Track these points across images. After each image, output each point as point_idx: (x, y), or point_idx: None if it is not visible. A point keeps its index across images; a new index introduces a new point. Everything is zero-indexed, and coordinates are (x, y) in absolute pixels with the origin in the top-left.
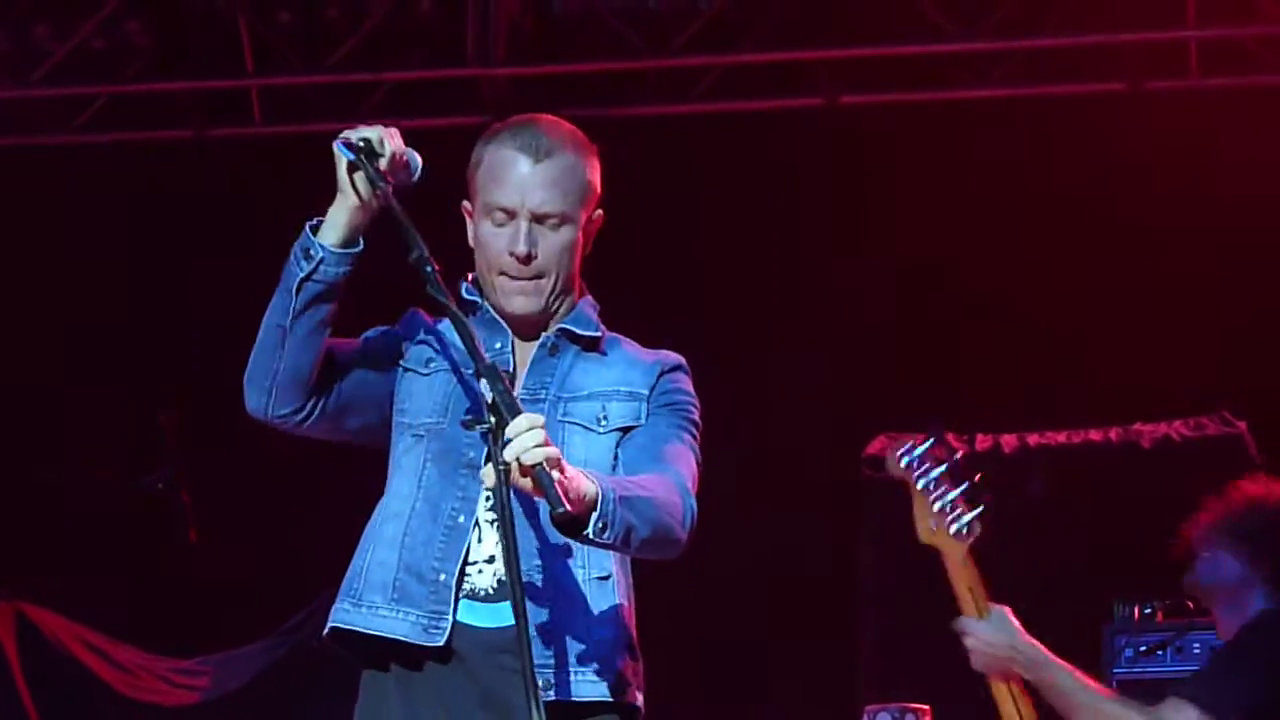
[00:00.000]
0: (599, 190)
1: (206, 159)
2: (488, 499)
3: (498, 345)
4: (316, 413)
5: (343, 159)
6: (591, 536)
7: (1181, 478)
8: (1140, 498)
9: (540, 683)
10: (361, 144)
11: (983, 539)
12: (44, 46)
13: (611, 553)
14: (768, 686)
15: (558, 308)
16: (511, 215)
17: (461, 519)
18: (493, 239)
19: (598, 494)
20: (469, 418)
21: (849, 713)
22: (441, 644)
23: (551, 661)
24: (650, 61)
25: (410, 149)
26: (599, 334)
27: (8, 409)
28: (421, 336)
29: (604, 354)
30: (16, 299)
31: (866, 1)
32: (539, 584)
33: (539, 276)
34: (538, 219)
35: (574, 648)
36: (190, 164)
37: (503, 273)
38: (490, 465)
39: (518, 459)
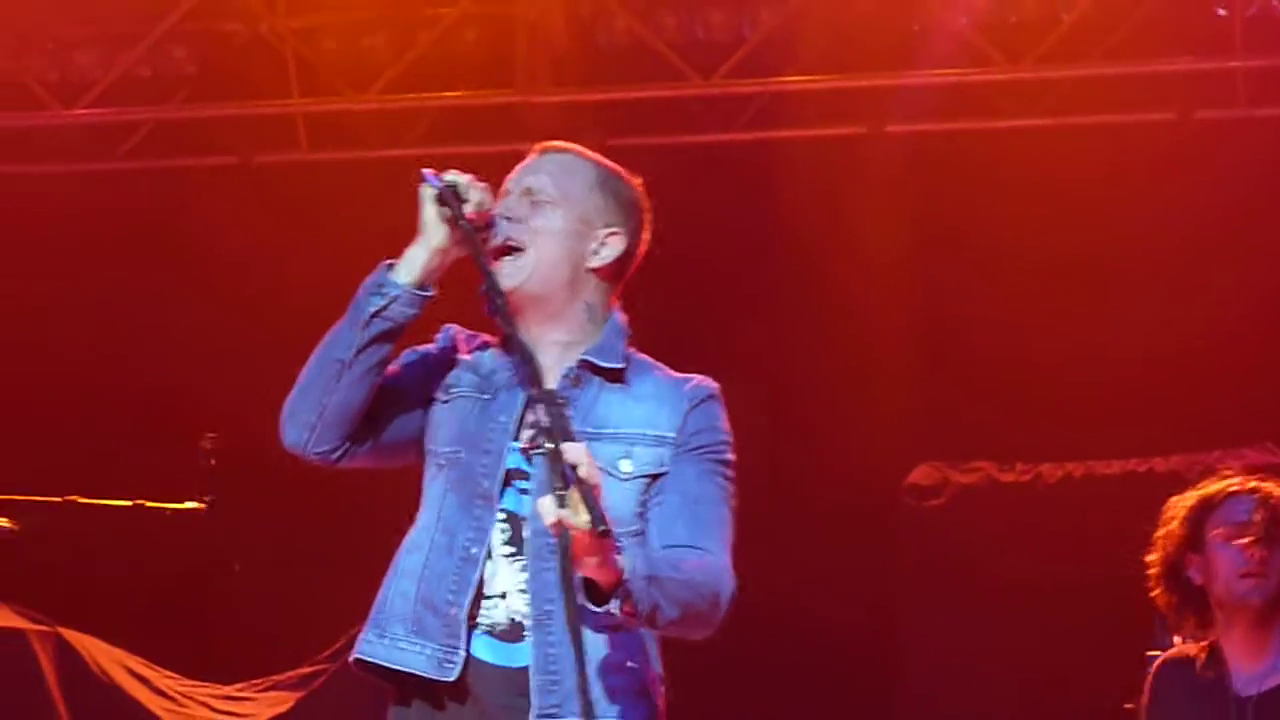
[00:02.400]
0: (619, 214)
1: (253, 185)
2: (503, 532)
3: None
4: (354, 452)
5: (429, 194)
6: (614, 611)
7: None
8: None
9: None
10: (451, 184)
11: None
12: (89, 74)
13: None
14: (808, 712)
15: (575, 321)
16: (506, 195)
17: (474, 550)
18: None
19: (627, 568)
20: (529, 444)
21: None
22: (454, 679)
23: (556, 709)
24: (697, 89)
25: (501, 218)
26: (622, 365)
27: (52, 434)
28: (451, 360)
29: (630, 385)
30: (58, 322)
31: (912, 30)
32: (552, 626)
33: (515, 250)
34: (526, 193)
35: (588, 691)
36: (236, 190)
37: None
38: (549, 496)
39: (579, 479)
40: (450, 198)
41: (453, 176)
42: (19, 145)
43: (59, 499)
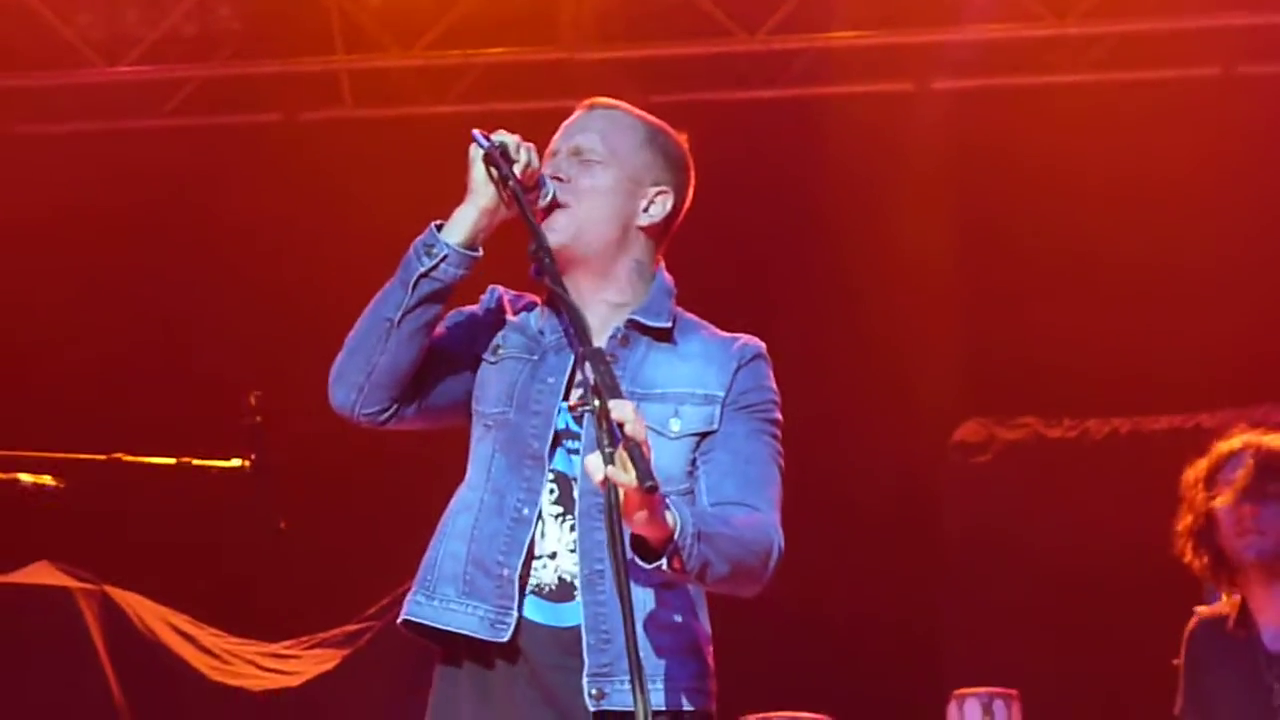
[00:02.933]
0: (667, 171)
1: (297, 142)
2: (551, 492)
3: (562, 330)
4: (402, 414)
5: (478, 154)
6: (665, 568)
7: None
8: None
9: (594, 691)
10: (501, 143)
11: None
12: (134, 31)
13: None
14: (855, 672)
15: (623, 279)
16: (555, 156)
17: (525, 511)
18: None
19: (676, 524)
20: (578, 402)
21: (937, 697)
22: (507, 639)
23: (608, 668)
24: (741, 45)
25: (550, 177)
26: (669, 324)
27: (98, 392)
28: (498, 321)
29: (677, 344)
30: (107, 282)
31: None
32: (602, 585)
33: (560, 207)
34: (574, 153)
35: (640, 649)
36: (281, 147)
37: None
38: (596, 453)
39: (626, 436)
40: (499, 158)
41: (501, 137)
42: (65, 102)
43: (104, 457)
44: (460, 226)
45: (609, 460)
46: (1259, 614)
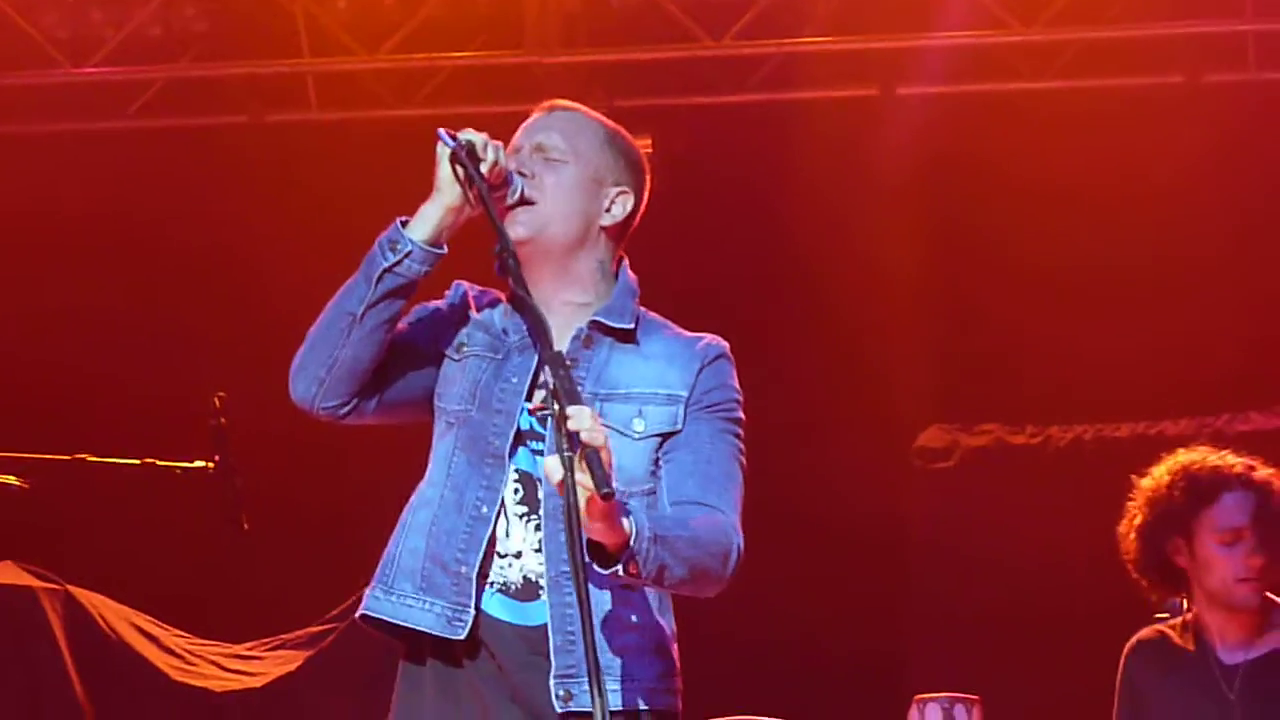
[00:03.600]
0: (627, 173)
1: (262, 144)
2: (516, 491)
3: (525, 329)
4: (363, 408)
5: (445, 152)
6: (621, 572)
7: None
8: None
9: (561, 692)
10: (467, 141)
11: None
12: (100, 32)
13: None
14: (817, 677)
15: (585, 278)
16: (518, 153)
17: (484, 509)
18: None
19: (632, 530)
20: (537, 406)
21: (899, 703)
22: (463, 637)
23: (574, 669)
24: (707, 50)
25: (515, 173)
26: (632, 325)
27: (63, 393)
28: (462, 317)
29: (640, 345)
30: (73, 282)
31: None
32: (569, 587)
33: (525, 203)
34: (538, 149)
35: (613, 656)
36: (246, 149)
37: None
38: (555, 457)
39: (583, 443)
40: (466, 157)
41: (469, 135)
42: (31, 103)
43: (68, 457)
44: (425, 223)
45: (567, 465)
46: (1217, 632)
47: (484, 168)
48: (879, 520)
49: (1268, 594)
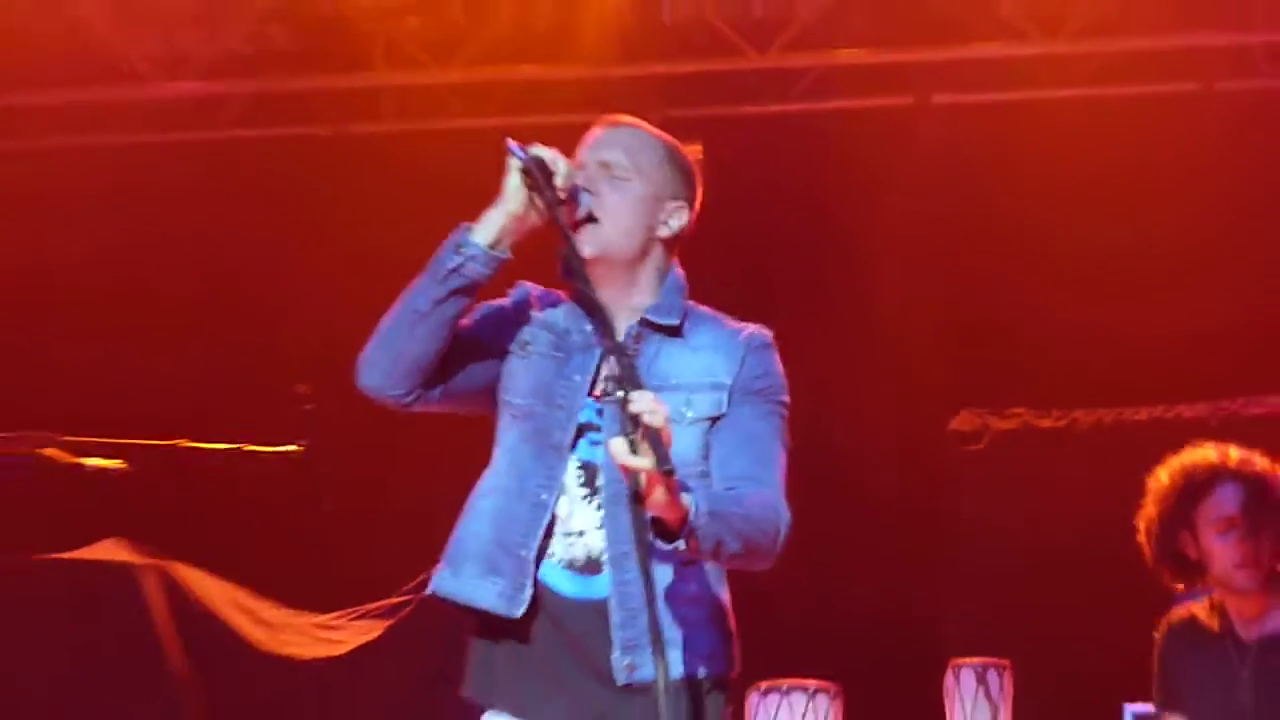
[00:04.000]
0: (684, 187)
1: (342, 153)
2: (578, 477)
3: (587, 329)
4: (427, 398)
5: (515, 163)
6: (682, 547)
7: None
8: None
9: (626, 663)
10: (536, 155)
11: None
12: (194, 49)
13: None
14: (858, 643)
15: (643, 280)
16: (583, 168)
17: (544, 496)
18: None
19: (691, 506)
20: (599, 392)
21: (936, 667)
22: (520, 614)
23: (636, 641)
24: (753, 62)
25: (582, 189)
26: (678, 321)
27: (159, 385)
28: (527, 317)
29: (687, 338)
30: (165, 286)
31: (954, 6)
32: (629, 565)
33: (592, 219)
34: (603, 166)
35: (662, 623)
36: (327, 157)
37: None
38: (620, 438)
39: (645, 424)
40: (536, 170)
41: (538, 150)
42: (128, 116)
43: (167, 443)
44: (489, 228)
45: (632, 447)
46: (1235, 612)
47: (553, 180)
48: (917, 498)
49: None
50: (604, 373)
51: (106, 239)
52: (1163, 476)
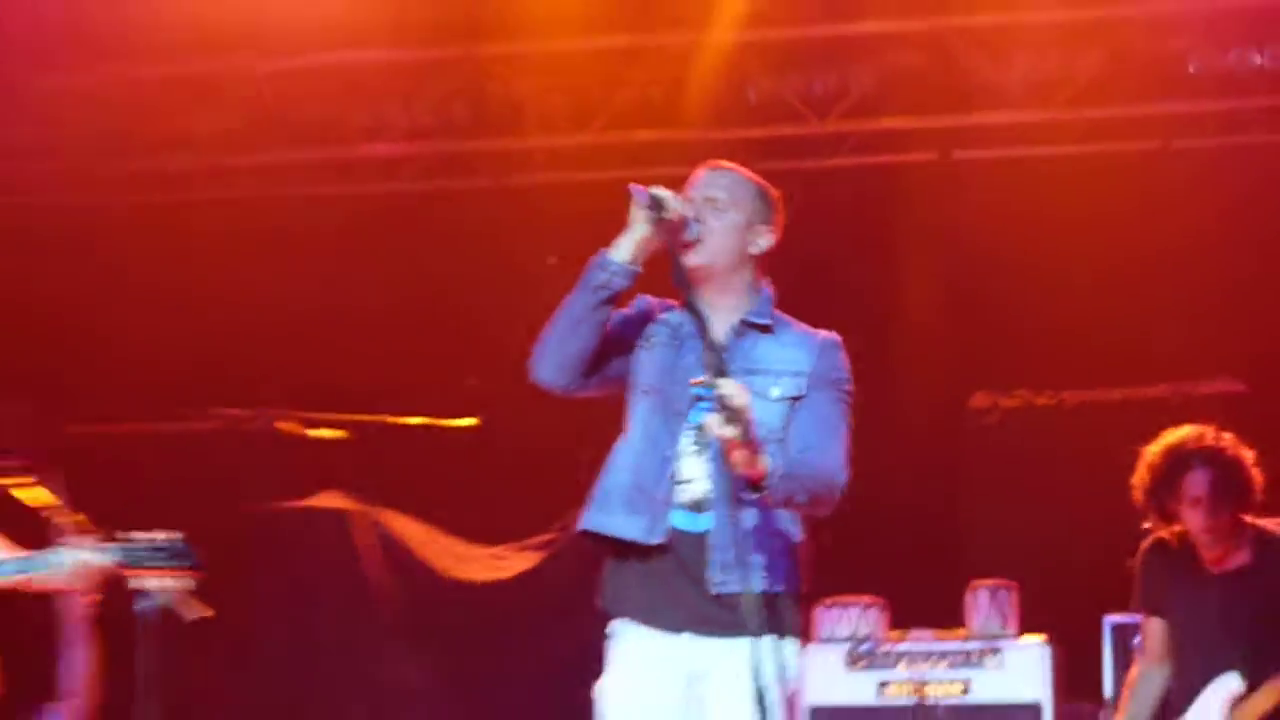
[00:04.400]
0: (769, 215)
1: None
2: (691, 438)
3: (693, 326)
4: (584, 385)
5: (640, 200)
6: (761, 497)
7: None
8: None
9: (720, 579)
10: (656, 196)
11: None
12: (392, 119)
13: None
14: (895, 566)
15: (738, 289)
16: (692, 201)
17: (668, 452)
18: None
19: (768, 467)
20: (702, 379)
21: (959, 586)
22: (660, 541)
23: (732, 560)
24: (815, 128)
25: (692, 220)
26: (770, 322)
27: (371, 374)
28: (648, 319)
29: (777, 335)
30: (376, 301)
31: (968, 83)
32: (725, 505)
33: (699, 240)
34: (708, 200)
35: (749, 550)
36: (492, 204)
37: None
38: (715, 414)
39: (731, 405)
40: (656, 205)
41: (656, 191)
42: (340, 171)
43: (376, 418)
44: (623, 250)
45: (723, 420)
46: (1202, 550)
47: (668, 212)
48: (947, 458)
49: (1247, 519)
50: (708, 361)
51: (333, 265)
52: (1154, 448)
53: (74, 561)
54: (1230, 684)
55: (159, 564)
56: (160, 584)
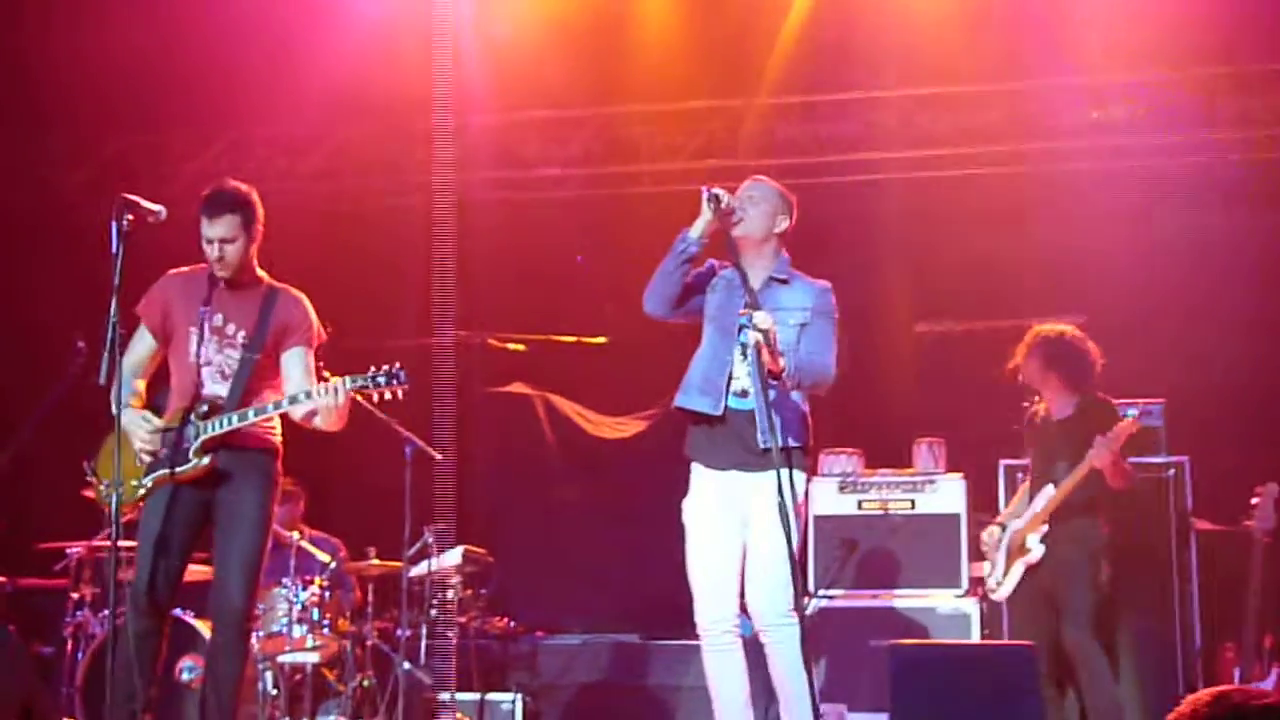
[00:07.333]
0: (787, 208)
1: (620, 205)
2: (739, 348)
3: (739, 278)
4: (676, 314)
5: (707, 198)
6: (781, 382)
7: None
8: None
9: (761, 439)
10: (716, 194)
11: None
12: (555, 150)
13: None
14: (862, 429)
15: (767, 255)
16: (738, 199)
17: (726, 357)
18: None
19: (785, 366)
20: (744, 310)
21: (908, 441)
22: (720, 413)
23: (767, 427)
24: (819, 156)
25: (743, 207)
26: (787, 277)
27: (544, 301)
28: (713, 273)
29: (792, 286)
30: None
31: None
32: (760, 391)
33: (742, 222)
34: (749, 198)
35: (779, 421)
36: (615, 209)
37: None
38: (753, 331)
39: (763, 328)
40: (715, 200)
41: (717, 191)
42: (523, 186)
43: (544, 336)
44: (696, 230)
45: (759, 336)
46: (1051, 404)
47: (724, 205)
48: (900, 367)
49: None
50: (748, 300)
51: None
52: (1028, 337)
53: (340, 389)
54: (1050, 489)
55: (385, 384)
56: None
